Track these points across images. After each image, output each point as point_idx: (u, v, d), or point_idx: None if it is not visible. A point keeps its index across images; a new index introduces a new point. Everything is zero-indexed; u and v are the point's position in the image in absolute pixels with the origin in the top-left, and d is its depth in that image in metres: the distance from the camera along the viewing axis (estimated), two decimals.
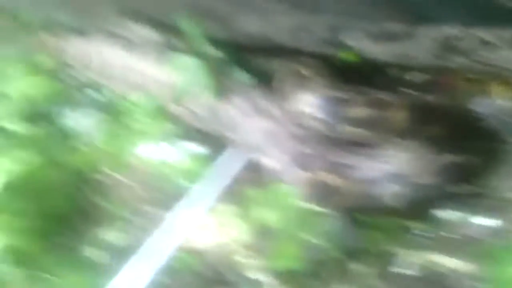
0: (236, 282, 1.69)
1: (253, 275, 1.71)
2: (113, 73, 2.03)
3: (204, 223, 1.80)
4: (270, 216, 1.62)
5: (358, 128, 1.54)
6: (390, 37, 1.33)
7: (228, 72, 1.75)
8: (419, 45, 1.31)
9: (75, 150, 2.13)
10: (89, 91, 2.20)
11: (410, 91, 1.61)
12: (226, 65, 1.74)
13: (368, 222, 1.59)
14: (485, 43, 1.20)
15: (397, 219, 1.57)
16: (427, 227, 1.56)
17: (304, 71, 1.65)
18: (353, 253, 1.57)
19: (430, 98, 1.59)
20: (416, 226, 1.57)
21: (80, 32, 2.17)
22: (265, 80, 1.75)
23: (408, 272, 1.55)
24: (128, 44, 1.99)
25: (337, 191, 1.55)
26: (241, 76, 1.74)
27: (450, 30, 1.21)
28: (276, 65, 1.75)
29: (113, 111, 2.12)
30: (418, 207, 1.55)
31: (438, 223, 1.57)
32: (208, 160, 1.85)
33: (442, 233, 1.55)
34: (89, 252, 2.01)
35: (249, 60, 1.79)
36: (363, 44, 1.42)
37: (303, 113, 1.61)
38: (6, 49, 2.35)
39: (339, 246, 1.57)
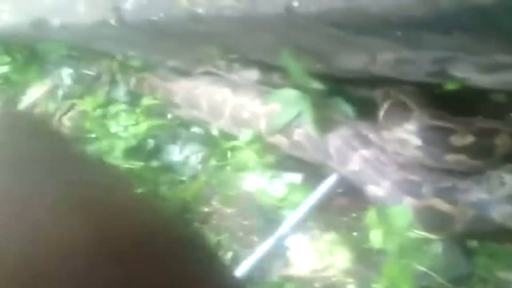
0: None
1: None
2: (218, 110, 2.12)
3: (306, 250, 1.83)
4: (375, 243, 1.61)
5: (463, 155, 1.53)
6: (498, 67, 1.32)
7: (329, 103, 1.79)
8: None
9: (182, 183, 2.26)
10: (195, 128, 2.33)
11: None
12: (327, 96, 1.78)
13: (480, 249, 1.55)
14: None
15: (510, 244, 1.52)
16: None
17: (406, 100, 1.67)
18: (463, 281, 1.54)
19: None
20: None
21: (186, 73, 2.30)
22: (366, 111, 1.77)
23: None
24: (233, 83, 2.09)
25: (448, 216, 1.53)
26: (342, 107, 1.77)
27: None
28: (377, 96, 1.77)
29: (217, 146, 2.21)
30: None
31: None
32: (309, 189, 1.88)
33: None
34: None
35: (349, 92, 1.82)
36: (470, 75, 1.42)
37: (406, 142, 1.62)
38: (117, 92, 2.54)
39: (448, 273, 1.53)
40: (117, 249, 0.53)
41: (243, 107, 2.03)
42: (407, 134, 1.61)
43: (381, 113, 1.72)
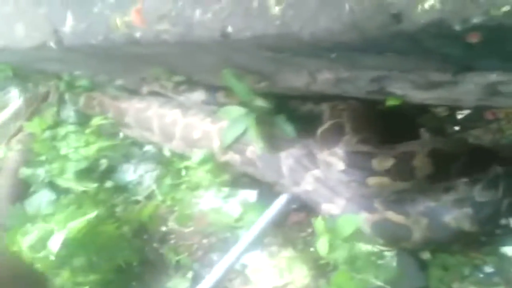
0: None
1: None
2: (169, 133, 2.11)
3: (264, 267, 1.82)
4: (321, 251, 1.60)
5: (385, 178, 1.54)
6: (433, 85, 1.34)
7: (273, 121, 1.78)
8: (463, 90, 1.32)
9: (137, 203, 2.22)
10: (148, 147, 2.30)
11: (455, 127, 1.60)
12: (271, 114, 1.78)
13: (433, 261, 1.57)
14: None
15: (463, 257, 1.54)
16: (495, 264, 1.52)
17: (345, 121, 1.68)
18: None
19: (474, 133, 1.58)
20: (483, 263, 1.53)
21: (134, 92, 2.27)
22: (314, 127, 1.77)
23: None
24: (182, 105, 2.08)
25: (403, 227, 1.55)
26: (283, 125, 1.77)
27: (494, 77, 1.21)
28: (324, 112, 1.78)
29: (170, 164, 2.19)
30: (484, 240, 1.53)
31: (505, 260, 1.52)
32: (264, 206, 1.87)
33: (509, 269, 1.51)
34: None
35: (297, 107, 1.82)
36: (408, 92, 1.43)
37: (331, 165, 1.64)
38: (65, 112, 2.49)
39: (403, 286, 1.54)
40: None
41: (193, 127, 2.01)
42: (333, 158, 1.63)
43: (318, 134, 1.74)
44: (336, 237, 1.56)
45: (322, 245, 1.58)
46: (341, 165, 1.60)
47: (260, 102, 1.73)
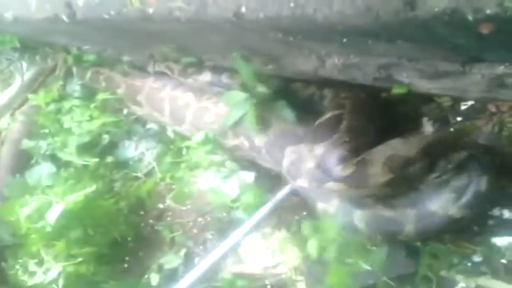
0: None
1: None
2: (180, 116, 2.12)
3: (257, 248, 1.85)
4: (312, 253, 1.64)
5: (342, 184, 1.57)
6: (439, 74, 1.37)
7: (273, 107, 1.80)
8: (470, 81, 1.35)
9: (136, 180, 2.25)
10: (150, 124, 2.31)
11: (457, 118, 1.64)
12: (272, 99, 1.79)
13: (424, 249, 1.60)
14: None
15: (454, 246, 1.57)
16: (483, 253, 1.55)
17: (342, 115, 1.70)
18: (407, 280, 1.58)
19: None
20: (472, 252, 1.57)
21: (142, 70, 2.28)
22: (310, 114, 1.79)
23: None
24: (195, 88, 2.09)
25: (393, 220, 1.58)
26: (284, 111, 1.78)
27: (501, 69, 1.24)
28: (321, 97, 1.81)
29: (172, 143, 2.21)
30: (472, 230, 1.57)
31: (494, 250, 1.55)
32: (261, 189, 1.90)
33: (497, 259, 1.54)
34: (148, 276, 2.10)
35: (296, 93, 1.84)
36: (414, 80, 1.46)
37: (306, 162, 1.67)
38: (71, 86, 2.50)
39: (393, 273, 1.57)
40: None
41: (206, 110, 2.02)
42: (310, 155, 1.65)
43: (315, 125, 1.74)
44: (323, 239, 1.60)
45: (312, 248, 1.62)
46: (311, 164, 1.63)
47: (261, 88, 1.74)
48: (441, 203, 1.52)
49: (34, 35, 2.41)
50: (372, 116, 1.72)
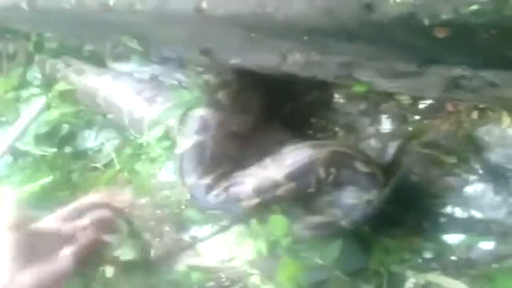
0: None
1: None
2: (138, 125, 2.09)
3: (214, 241, 1.86)
4: (261, 252, 1.64)
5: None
6: (398, 74, 1.40)
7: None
8: (427, 82, 1.38)
9: (95, 171, 2.23)
10: (111, 115, 2.29)
11: (415, 117, 1.67)
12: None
13: (376, 244, 1.63)
14: (491, 83, 1.27)
15: (405, 242, 1.61)
16: (434, 250, 1.59)
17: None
18: (359, 274, 1.61)
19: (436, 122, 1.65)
20: (423, 249, 1.61)
21: (102, 63, 2.25)
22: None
23: None
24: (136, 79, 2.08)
25: (327, 223, 1.60)
26: None
27: (458, 71, 1.28)
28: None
29: (132, 135, 2.19)
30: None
31: (445, 247, 1.60)
32: None
33: (447, 256, 1.58)
34: (103, 268, 2.07)
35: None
36: (374, 79, 1.49)
37: None
38: (31, 74, 2.46)
39: (345, 267, 1.60)
40: None
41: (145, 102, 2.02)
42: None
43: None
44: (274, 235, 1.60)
45: (260, 247, 1.62)
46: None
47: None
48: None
49: None
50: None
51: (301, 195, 1.57)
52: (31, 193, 1.96)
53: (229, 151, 1.70)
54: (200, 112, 1.72)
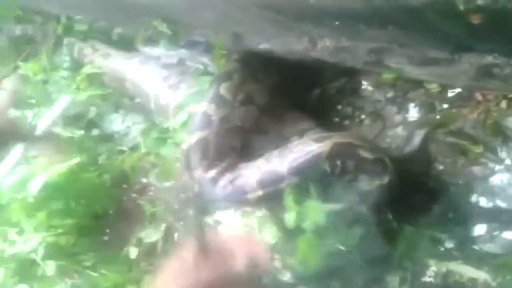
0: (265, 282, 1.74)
1: (279, 275, 1.76)
2: (164, 112, 2.09)
3: (236, 225, 1.87)
4: (289, 223, 1.65)
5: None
6: (429, 61, 1.39)
7: None
8: (458, 69, 1.38)
9: (121, 153, 2.25)
10: (138, 99, 2.31)
11: (444, 105, 1.67)
12: None
13: (402, 233, 1.62)
14: None
15: (426, 230, 1.60)
16: (456, 239, 1.59)
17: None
18: (379, 262, 1.61)
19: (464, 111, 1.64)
20: (445, 238, 1.60)
21: (131, 47, 2.27)
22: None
23: (430, 280, 1.58)
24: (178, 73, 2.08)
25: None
26: None
27: (490, 59, 1.27)
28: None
29: (156, 120, 2.21)
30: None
31: (467, 236, 1.59)
32: None
33: (469, 246, 1.57)
34: (127, 249, 2.12)
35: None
36: (404, 66, 1.49)
37: None
38: (60, 57, 2.49)
39: (366, 254, 1.60)
40: None
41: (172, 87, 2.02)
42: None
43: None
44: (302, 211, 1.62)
45: (289, 218, 1.62)
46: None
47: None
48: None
49: (30, 3, 2.39)
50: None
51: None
52: (58, 175, 1.99)
53: (233, 144, 1.72)
54: (203, 108, 1.73)
